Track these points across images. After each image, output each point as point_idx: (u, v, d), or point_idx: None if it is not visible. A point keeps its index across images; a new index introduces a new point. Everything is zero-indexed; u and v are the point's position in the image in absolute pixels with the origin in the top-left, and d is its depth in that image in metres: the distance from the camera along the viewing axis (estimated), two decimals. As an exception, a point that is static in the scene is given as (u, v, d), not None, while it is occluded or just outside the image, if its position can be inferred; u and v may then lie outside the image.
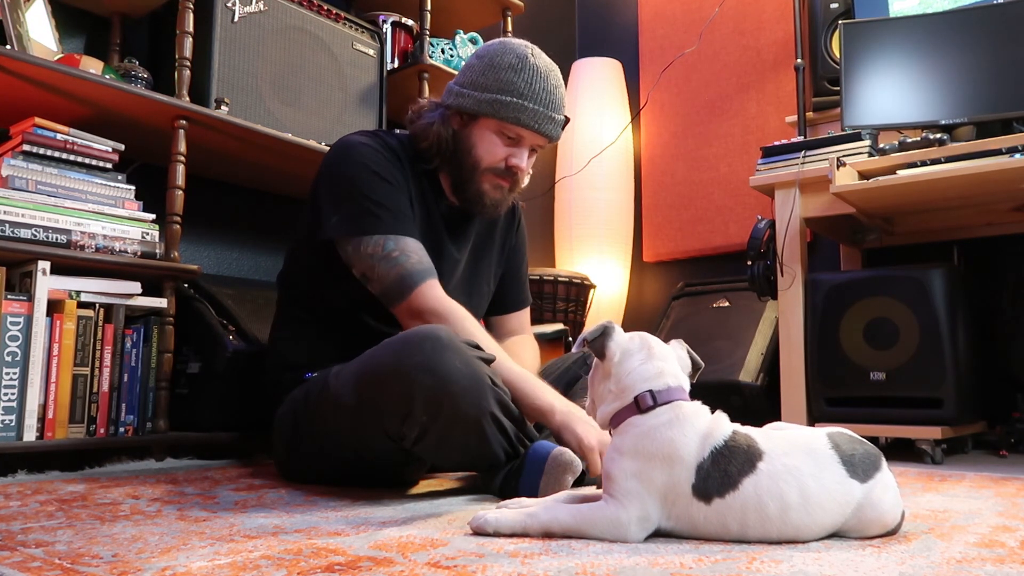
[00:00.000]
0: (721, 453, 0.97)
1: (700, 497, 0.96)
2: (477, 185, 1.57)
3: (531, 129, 1.54)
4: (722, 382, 2.52)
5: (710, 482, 0.96)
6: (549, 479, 1.28)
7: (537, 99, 1.53)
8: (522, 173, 1.59)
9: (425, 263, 1.48)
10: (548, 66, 1.58)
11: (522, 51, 1.56)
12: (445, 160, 1.59)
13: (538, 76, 1.54)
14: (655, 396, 1.01)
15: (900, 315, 2.08)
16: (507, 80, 1.52)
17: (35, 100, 1.76)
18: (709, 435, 0.99)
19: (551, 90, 1.56)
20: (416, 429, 1.28)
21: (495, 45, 1.59)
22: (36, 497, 1.31)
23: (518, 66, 1.53)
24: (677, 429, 0.98)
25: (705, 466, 0.96)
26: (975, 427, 2.23)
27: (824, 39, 2.70)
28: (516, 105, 1.52)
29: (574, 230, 3.30)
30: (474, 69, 1.57)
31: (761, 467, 0.96)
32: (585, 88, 3.41)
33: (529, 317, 1.88)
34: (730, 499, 0.96)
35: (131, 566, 0.84)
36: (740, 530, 0.97)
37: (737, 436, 1.00)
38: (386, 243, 1.46)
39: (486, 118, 1.54)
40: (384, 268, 1.45)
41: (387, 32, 2.54)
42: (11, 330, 1.58)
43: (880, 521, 1.01)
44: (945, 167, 1.96)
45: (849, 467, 0.98)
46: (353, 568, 0.84)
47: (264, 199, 2.44)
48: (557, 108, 1.57)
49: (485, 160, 1.56)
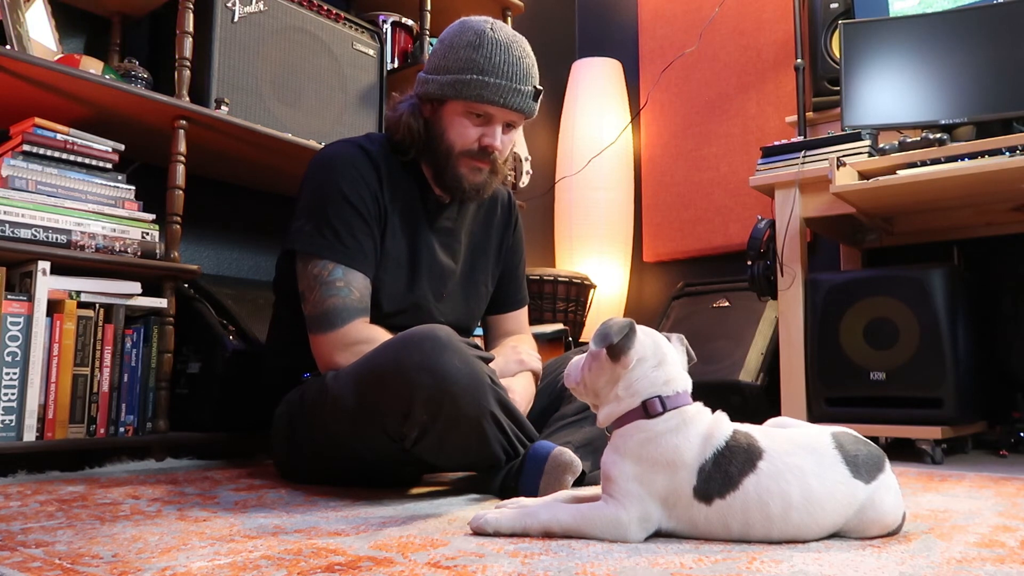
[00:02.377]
0: (722, 454, 0.97)
1: (701, 499, 0.96)
2: (454, 170, 1.55)
3: (497, 104, 1.50)
4: (722, 382, 2.52)
5: (711, 484, 0.96)
6: (549, 479, 1.28)
7: (499, 73, 1.49)
8: (498, 152, 1.56)
9: (364, 303, 1.47)
10: (510, 38, 1.53)
11: (480, 27, 1.52)
12: (420, 150, 1.58)
13: (498, 49, 1.50)
14: (664, 403, 1.01)
15: (900, 315, 2.08)
16: (466, 58, 1.50)
17: (35, 100, 1.76)
18: (710, 436, 0.99)
19: (514, 62, 1.51)
20: (416, 429, 1.28)
21: (454, 26, 1.56)
22: (36, 497, 1.31)
23: (476, 43, 1.50)
24: (682, 435, 0.98)
25: (707, 468, 0.96)
26: (975, 427, 2.23)
27: (824, 39, 2.70)
28: (478, 82, 1.49)
29: (574, 230, 3.30)
30: (436, 54, 1.55)
31: (762, 466, 0.96)
32: (585, 88, 3.41)
33: (527, 316, 1.88)
34: (731, 499, 0.96)
35: (131, 566, 0.84)
36: (743, 530, 0.97)
37: (738, 436, 1.00)
38: (334, 270, 1.45)
39: (452, 101, 1.52)
40: (322, 294, 1.45)
41: (387, 32, 2.54)
42: (11, 330, 1.58)
43: (882, 522, 1.01)
44: (945, 167, 1.96)
45: (853, 468, 0.98)
46: (353, 568, 0.84)
47: (264, 199, 2.44)
48: (523, 80, 1.52)
49: (458, 144, 1.54)
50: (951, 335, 2.03)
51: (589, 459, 1.41)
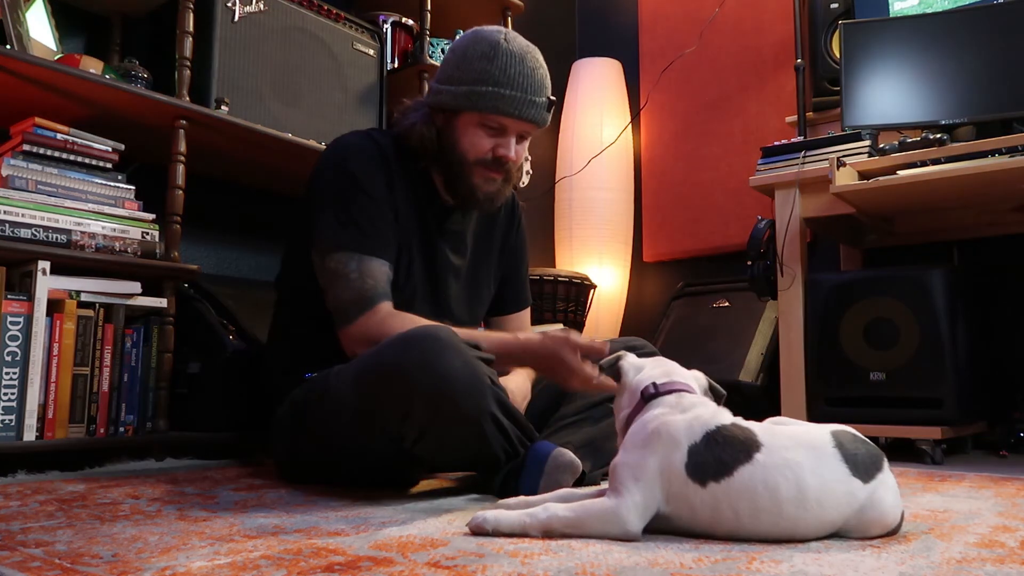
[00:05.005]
0: (714, 437, 0.99)
1: (695, 479, 0.97)
2: (468, 180, 1.55)
3: (512, 116, 1.51)
4: (722, 382, 2.48)
5: (705, 466, 0.97)
6: (549, 479, 1.28)
7: (514, 84, 1.49)
8: (512, 162, 1.56)
9: (381, 287, 1.46)
10: (523, 49, 1.53)
11: (494, 37, 1.52)
12: (433, 159, 1.58)
13: (513, 61, 1.50)
14: (657, 386, 1.07)
15: (900, 315, 2.08)
16: (481, 69, 1.49)
17: (35, 100, 1.76)
18: (701, 418, 1.01)
19: (528, 73, 1.51)
20: (416, 429, 1.28)
21: (467, 36, 1.55)
22: (36, 497, 1.31)
23: (490, 54, 1.50)
24: (672, 414, 1.03)
25: (698, 448, 0.98)
26: (975, 427, 2.23)
27: (824, 39, 2.70)
28: (493, 94, 1.49)
29: (574, 230, 3.30)
30: (449, 63, 1.55)
31: (758, 458, 0.97)
32: (585, 88, 3.41)
33: (529, 318, 1.87)
34: (725, 484, 0.97)
35: (131, 566, 0.84)
36: (733, 519, 0.97)
37: (734, 427, 1.01)
38: (348, 262, 1.45)
39: (466, 112, 1.52)
40: (340, 287, 1.45)
41: (387, 32, 2.54)
42: (11, 330, 1.58)
43: (881, 522, 1.01)
44: (945, 167, 1.96)
45: (852, 466, 0.99)
46: (353, 568, 0.84)
47: (264, 199, 2.44)
48: (537, 91, 1.52)
49: (471, 154, 1.54)
50: (951, 335, 2.03)
51: (589, 459, 1.41)
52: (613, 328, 3.30)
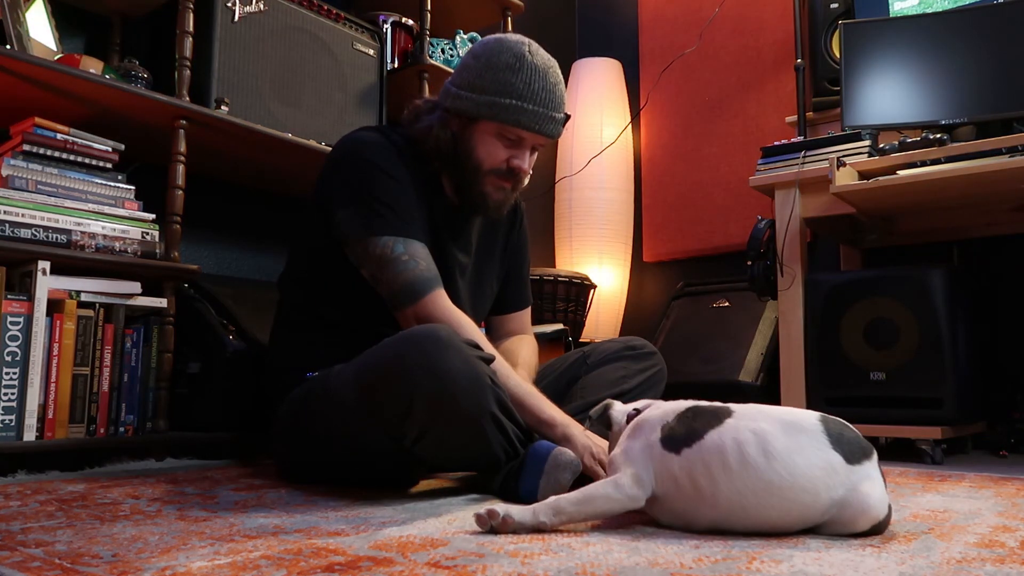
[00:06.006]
0: (685, 414, 1.08)
1: (669, 448, 1.05)
2: (480, 187, 1.57)
3: (532, 131, 1.53)
4: (722, 382, 2.52)
5: (677, 436, 1.05)
6: (549, 479, 1.28)
7: (536, 99, 1.51)
8: (524, 173, 1.59)
9: (432, 270, 1.47)
10: (546, 63, 1.56)
11: (519, 49, 1.53)
12: (446, 163, 1.58)
13: (536, 75, 1.52)
14: (639, 409, 1.17)
15: (900, 315, 2.08)
16: (505, 81, 1.50)
17: (35, 100, 1.76)
18: (677, 408, 1.11)
19: (550, 88, 1.54)
20: (416, 429, 1.28)
21: (491, 43, 1.56)
22: (36, 497, 1.31)
23: (515, 66, 1.51)
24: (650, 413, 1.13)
25: (670, 425, 1.07)
26: (975, 427, 2.23)
27: (824, 39, 2.70)
28: (515, 107, 1.50)
29: (574, 230, 3.31)
30: (471, 70, 1.55)
31: (728, 422, 1.04)
32: (585, 88, 3.41)
33: (530, 317, 1.87)
34: (696, 447, 1.03)
35: (131, 566, 0.84)
36: (709, 485, 1.01)
37: (709, 404, 1.10)
38: (395, 246, 1.45)
39: (485, 121, 1.53)
40: (393, 272, 1.44)
41: (387, 32, 2.54)
42: (11, 330, 1.58)
43: (867, 514, 1.00)
44: (945, 167, 1.96)
45: (835, 443, 1.01)
46: (353, 568, 0.84)
47: (264, 199, 2.44)
48: (557, 107, 1.55)
49: (487, 163, 1.55)
50: (951, 335, 2.03)
51: (589, 459, 1.41)
52: (613, 328, 3.31)
